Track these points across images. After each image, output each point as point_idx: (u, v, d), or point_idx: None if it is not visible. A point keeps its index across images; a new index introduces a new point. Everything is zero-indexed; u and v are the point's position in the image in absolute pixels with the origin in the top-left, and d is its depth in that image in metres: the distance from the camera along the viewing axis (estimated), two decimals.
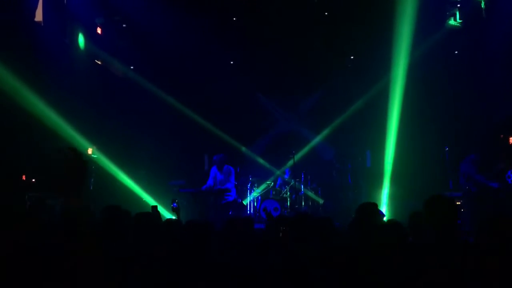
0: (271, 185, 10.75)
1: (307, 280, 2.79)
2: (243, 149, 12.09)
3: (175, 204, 5.72)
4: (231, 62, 11.69)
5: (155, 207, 5.08)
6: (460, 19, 9.93)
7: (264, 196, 10.57)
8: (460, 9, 9.89)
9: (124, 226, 3.59)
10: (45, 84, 7.84)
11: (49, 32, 8.53)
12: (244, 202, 10.33)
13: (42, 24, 8.41)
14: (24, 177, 7.48)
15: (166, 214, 8.98)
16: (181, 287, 2.59)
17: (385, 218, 5.06)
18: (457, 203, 8.82)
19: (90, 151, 9.12)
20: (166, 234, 3.66)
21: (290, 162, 10.40)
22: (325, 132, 12.04)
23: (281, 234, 3.62)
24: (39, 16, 8.41)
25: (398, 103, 10.17)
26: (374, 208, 4.08)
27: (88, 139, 8.92)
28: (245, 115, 12.05)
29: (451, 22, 9.97)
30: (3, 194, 6.22)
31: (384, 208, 10.07)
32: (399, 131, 10.23)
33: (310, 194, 10.64)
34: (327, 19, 10.42)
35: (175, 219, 5.41)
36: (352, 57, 11.50)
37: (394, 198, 10.11)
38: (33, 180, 7.49)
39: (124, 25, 10.36)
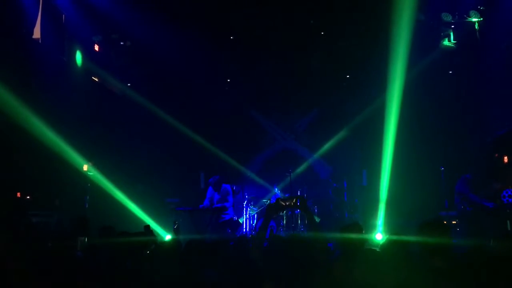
0: (267, 203, 10.70)
1: None
2: (243, 169, 12.08)
3: (175, 226, 5.82)
4: (228, 80, 11.76)
5: (147, 227, 5.10)
6: (454, 40, 10.05)
7: (260, 214, 10.53)
8: (454, 30, 10.01)
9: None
10: (42, 101, 7.86)
11: (47, 49, 8.59)
12: (240, 220, 10.27)
13: (40, 42, 8.46)
14: (19, 195, 7.45)
15: (161, 231, 8.92)
16: None
17: (380, 237, 5.09)
18: (453, 222, 8.83)
19: (85, 167, 9.10)
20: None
21: (287, 180, 10.40)
22: (321, 151, 12.06)
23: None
24: (37, 33, 8.47)
25: (393, 122, 10.21)
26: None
27: (84, 155, 8.91)
28: (242, 133, 12.08)
29: (446, 43, 10.09)
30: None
31: (380, 227, 10.04)
32: (395, 151, 10.24)
33: None
34: (323, 39, 10.53)
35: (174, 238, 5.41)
36: (348, 76, 11.59)
37: (390, 217, 10.09)
38: (28, 197, 7.47)
39: (121, 43, 10.42)
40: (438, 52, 10.24)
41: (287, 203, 3.80)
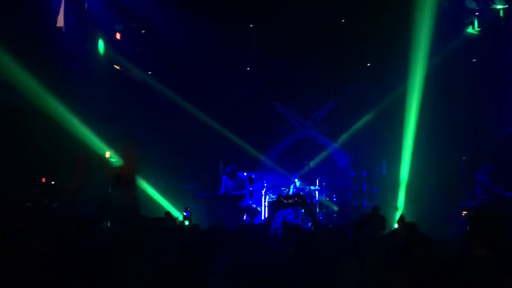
0: (286, 191, 10.75)
1: None
2: (262, 158, 12.14)
3: (187, 213, 5.89)
4: (247, 69, 11.77)
5: (167, 213, 5.22)
6: (478, 27, 9.84)
7: (273, 204, 10.58)
8: (478, 17, 9.80)
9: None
10: (66, 88, 8.01)
11: (70, 38, 8.73)
12: (258, 208, 10.36)
13: (64, 30, 8.60)
14: (44, 180, 7.65)
15: (181, 217, 9.06)
16: None
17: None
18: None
19: (107, 154, 9.26)
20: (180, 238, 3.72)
21: (305, 169, 10.42)
22: (341, 139, 12.02)
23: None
24: (60, 21, 8.60)
25: (415, 111, 10.11)
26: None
27: (106, 142, 9.07)
28: (261, 122, 12.11)
29: (469, 30, 9.88)
30: (25, 196, 6.36)
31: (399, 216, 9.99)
32: (415, 140, 10.15)
33: (325, 201, 10.63)
34: (343, 27, 10.44)
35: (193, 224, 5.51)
36: (368, 65, 11.48)
37: (409, 207, 10.04)
38: (53, 182, 7.66)
39: (142, 31, 10.52)
40: (462, 40, 10.05)
41: (289, 201, 3.83)
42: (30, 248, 2.73)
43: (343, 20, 10.37)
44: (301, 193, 9.81)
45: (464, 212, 8.39)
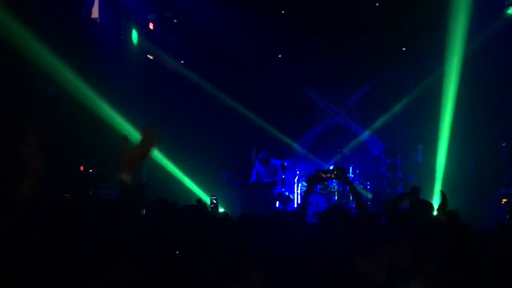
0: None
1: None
2: (295, 145, 12.10)
3: (214, 200, 5.92)
4: (279, 56, 11.70)
5: (199, 200, 5.25)
6: None
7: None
8: None
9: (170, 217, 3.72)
10: (101, 79, 8.16)
11: (105, 29, 8.88)
12: (291, 196, 10.36)
13: (99, 21, 8.76)
14: (82, 168, 7.87)
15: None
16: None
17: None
18: None
19: None
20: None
21: (338, 156, 10.33)
22: (375, 126, 11.84)
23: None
24: (95, 13, 8.75)
25: (452, 96, 9.82)
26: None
27: (141, 131, 9.22)
28: (294, 109, 12.06)
29: (510, 11, 9.48)
30: (66, 185, 6.53)
31: (435, 206, 9.79)
32: (453, 126, 9.88)
33: (359, 188, 10.51)
34: (378, 10, 10.19)
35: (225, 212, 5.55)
36: (403, 49, 11.20)
37: (447, 195, 9.79)
38: (91, 170, 7.88)
39: (175, 21, 10.59)
40: (502, 22, 9.65)
41: (328, 175, 3.75)
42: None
43: (377, 4, 10.11)
44: (342, 166, 9.70)
45: (504, 200, 8.14)
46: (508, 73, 9.71)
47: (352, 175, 10.47)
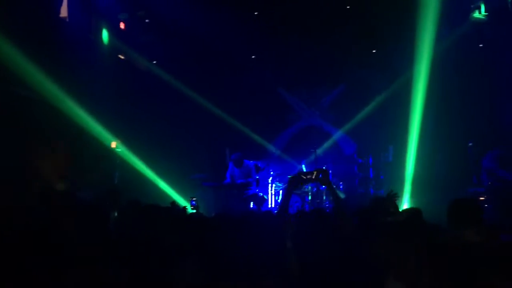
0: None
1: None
2: (269, 146, 12.13)
3: (194, 202, 5.89)
4: (253, 56, 11.72)
5: (173, 203, 5.21)
6: (485, 12, 9.72)
7: (285, 190, 10.59)
8: (485, 2, 9.68)
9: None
10: (69, 78, 8.00)
11: (74, 28, 8.71)
12: (265, 196, 10.38)
13: (67, 20, 8.58)
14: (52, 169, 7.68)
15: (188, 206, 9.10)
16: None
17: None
18: (481, 198, 8.71)
19: (114, 144, 9.29)
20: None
21: (312, 157, 10.41)
22: (347, 127, 11.99)
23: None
24: (64, 12, 8.58)
25: (421, 97, 10.04)
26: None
27: (112, 133, 9.09)
28: (268, 110, 12.09)
29: (476, 15, 9.76)
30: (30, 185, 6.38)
31: (405, 204, 10.00)
32: (422, 126, 10.11)
33: None
34: (349, 13, 10.33)
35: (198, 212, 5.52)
36: (374, 51, 11.39)
37: (416, 193, 10.03)
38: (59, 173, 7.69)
39: (147, 20, 10.47)
40: (468, 25, 9.94)
41: (308, 177, 3.76)
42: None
43: (348, 7, 10.25)
44: (323, 167, 9.73)
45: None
46: (474, 75, 10.00)
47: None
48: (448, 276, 2.46)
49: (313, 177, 3.72)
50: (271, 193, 10.64)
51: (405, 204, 10.00)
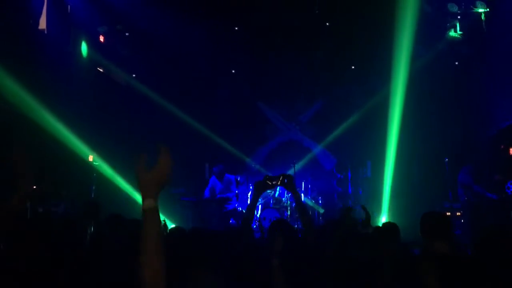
0: (271, 194, 10.73)
1: None
2: (248, 160, 12.12)
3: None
4: (233, 71, 11.76)
5: None
6: (460, 30, 9.99)
7: (264, 205, 10.57)
8: (460, 21, 9.95)
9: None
10: (47, 91, 7.89)
11: (53, 40, 8.61)
12: (244, 211, 10.34)
13: (46, 32, 8.49)
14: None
15: (167, 221, 8.99)
16: None
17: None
18: (457, 214, 8.85)
19: (91, 158, 9.16)
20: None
21: (291, 171, 10.43)
22: (326, 142, 12.08)
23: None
24: (42, 24, 8.49)
25: (398, 113, 10.21)
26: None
27: (89, 146, 8.97)
28: (246, 124, 12.11)
29: (452, 33, 10.03)
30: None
31: (384, 218, 10.09)
32: (399, 142, 10.26)
33: (311, 203, 10.65)
34: (328, 30, 10.50)
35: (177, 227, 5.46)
36: (353, 67, 11.57)
37: (394, 208, 10.13)
38: (34, 187, 7.52)
39: (126, 34, 10.44)
40: (444, 43, 10.20)
41: (274, 182, 3.78)
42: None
43: (327, 24, 10.41)
44: (289, 173, 9.69)
45: (447, 213, 8.48)
46: (450, 92, 10.23)
47: (304, 190, 10.59)
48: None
49: (278, 182, 3.74)
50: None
51: (383, 218, 10.09)
